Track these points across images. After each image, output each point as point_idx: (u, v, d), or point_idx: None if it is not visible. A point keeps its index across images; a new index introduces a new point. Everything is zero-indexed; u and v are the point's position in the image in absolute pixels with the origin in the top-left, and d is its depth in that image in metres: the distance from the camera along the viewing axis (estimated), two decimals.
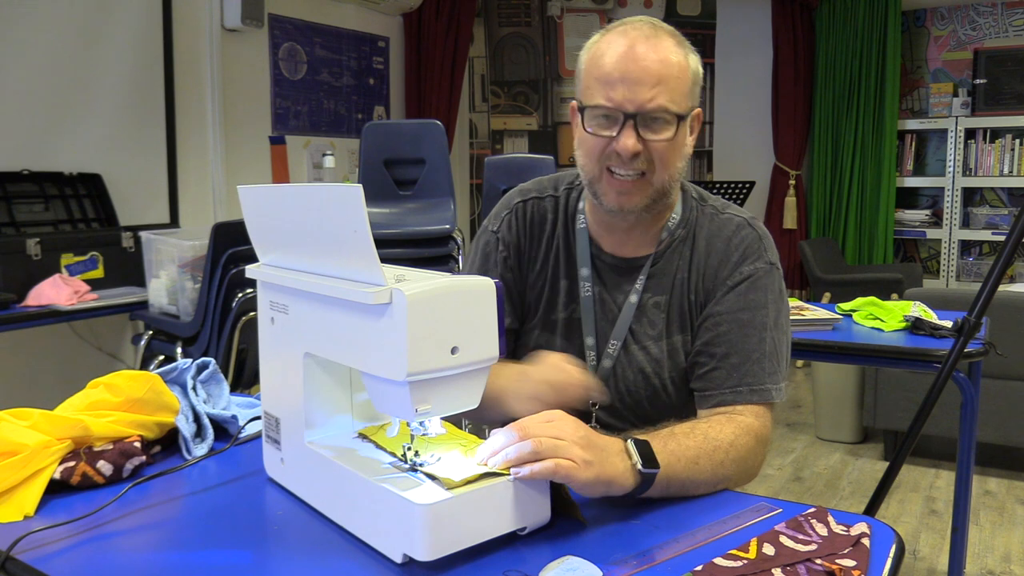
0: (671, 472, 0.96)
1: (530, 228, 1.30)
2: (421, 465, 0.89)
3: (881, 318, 2.19)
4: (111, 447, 1.06)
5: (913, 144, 5.29)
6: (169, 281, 2.88)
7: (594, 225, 1.27)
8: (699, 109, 1.19)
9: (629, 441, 0.95)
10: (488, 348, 0.86)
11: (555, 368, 1.12)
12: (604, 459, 0.91)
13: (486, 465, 0.87)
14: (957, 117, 5.03)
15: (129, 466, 1.06)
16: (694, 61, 1.16)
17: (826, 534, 0.87)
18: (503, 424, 0.93)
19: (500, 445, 0.88)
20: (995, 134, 5.00)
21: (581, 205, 1.29)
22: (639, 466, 0.93)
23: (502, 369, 1.12)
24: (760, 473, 1.11)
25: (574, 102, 1.20)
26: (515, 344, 1.31)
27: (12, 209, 2.94)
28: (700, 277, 1.21)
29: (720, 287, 1.19)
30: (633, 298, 1.22)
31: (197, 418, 1.19)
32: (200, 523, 0.94)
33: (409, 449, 0.91)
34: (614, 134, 1.13)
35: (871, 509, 1.81)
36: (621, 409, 1.24)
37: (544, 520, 0.89)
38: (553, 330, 1.27)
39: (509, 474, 0.86)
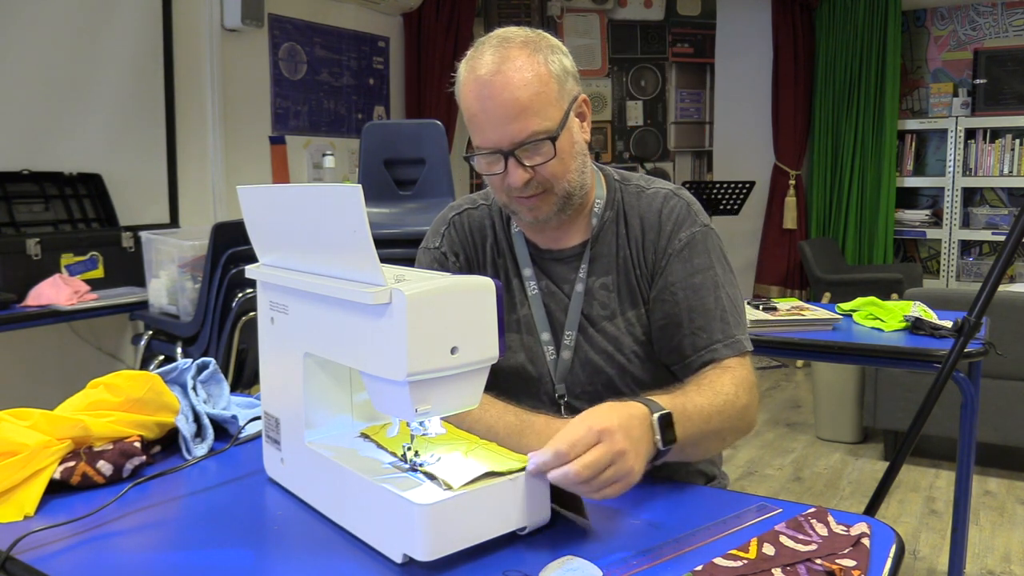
0: (685, 437, 1.00)
1: (472, 236, 1.35)
2: (421, 465, 0.89)
3: (881, 318, 2.19)
4: (111, 447, 1.06)
5: (913, 144, 5.28)
6: (169, 281, 2.88)
7: (527, 229, 1.31)
8: (582, 96, 1.19)
9: (655, 416, 0.96)
10: (488, 348, 0.86)
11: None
12: (640, 451, 0.93)
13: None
14: (957, 117, 5.03)
15: (129, 466, 1.06)
16: (556, 60, 1.16)
17: (826, 534, 0.87)
18: None
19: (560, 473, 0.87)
20: (995, 134, 5.00)
21: None
22: (659, 445, 0.96)
23: (501, 415, 1.13)
24: (760, 473, 1.11)
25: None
26: None
27: (12, 209, 2.94)
28: (640, 251, 1.25)
29: (662, 257, 1.23)
30: (579, 287, 1.26)
31: (197, 418, 1.19)
32: (200, 523, 0.94)
33: (409, 449, 0.91)
34: (501, 170, 1.16)
35: (871, 509, 1.81)
36: (591, 392, 1.25)
37: (544, 520, 0.89)
38: (517, 328, 1.30)
39: (509, 474, 0.86)
